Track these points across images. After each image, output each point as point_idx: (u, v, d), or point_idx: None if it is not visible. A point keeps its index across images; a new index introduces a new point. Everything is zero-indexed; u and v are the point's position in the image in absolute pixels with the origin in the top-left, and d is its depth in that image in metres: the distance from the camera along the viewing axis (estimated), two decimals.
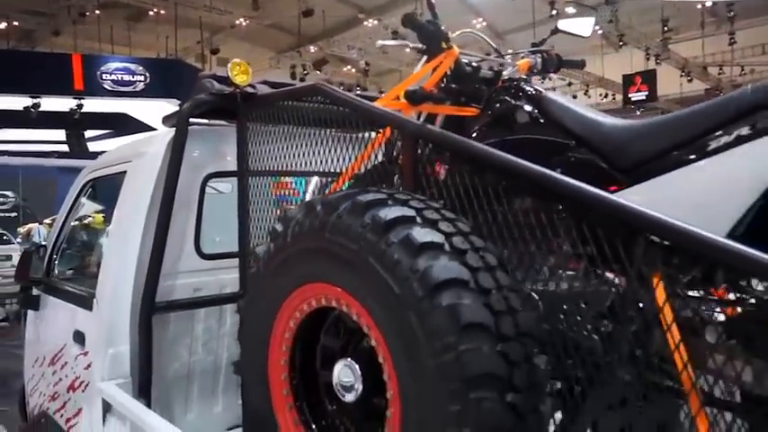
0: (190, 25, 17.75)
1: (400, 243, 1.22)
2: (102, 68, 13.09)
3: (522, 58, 2.10)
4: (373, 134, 1.77)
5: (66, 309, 2.48)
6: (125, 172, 2.29)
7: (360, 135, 1.82)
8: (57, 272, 2.76)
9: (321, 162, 1.89)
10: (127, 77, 13.42)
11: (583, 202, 1.24)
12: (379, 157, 1.78)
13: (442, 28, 1.84)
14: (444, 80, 1.91)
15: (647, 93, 20.56)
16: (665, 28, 18.73)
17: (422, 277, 1.18)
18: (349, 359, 1.43)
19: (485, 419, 1.12)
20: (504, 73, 1.99)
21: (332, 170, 1.87)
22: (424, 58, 1.92)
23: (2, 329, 8.73)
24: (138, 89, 13.49)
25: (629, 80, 20.78)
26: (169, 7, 16.59)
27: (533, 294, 1.38)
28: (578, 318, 1.36)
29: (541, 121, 1.71)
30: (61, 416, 2.46)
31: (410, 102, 1.82)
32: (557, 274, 1.38)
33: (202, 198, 2.30)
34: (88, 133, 16.44)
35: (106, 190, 2.57)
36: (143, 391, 2.04)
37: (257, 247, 1.71)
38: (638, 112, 26.53)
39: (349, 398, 1.42)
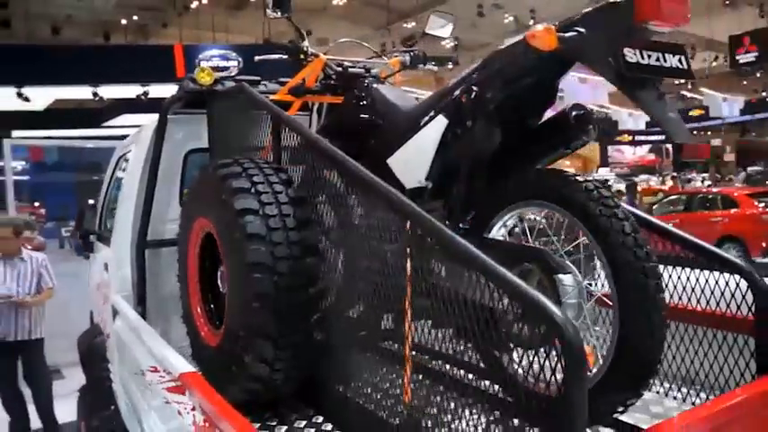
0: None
1: (226, 188, 2.00)
2: (200, 56, 14.60)
3: (395, 56, 2.76)
4: None
5: (103, 249, 3.50)
6: (131, 150, 3.23)
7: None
8: (106, 224, 3.80)
9: (265, 138, 2.68)
10: (222, 63, 14.85)
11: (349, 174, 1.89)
12: None
13: (304, 44, 2.55)
14: (324, 78, 2.62)
15: (756, 54, 19.11)
16: None
17: (231, 208, 1.95)
18: (221, 267, 2.24)
19: (258, 290, 1.86)
20: (375, 70, 2.66)
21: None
22: None
23: None
24: (233, 74, 14.87)
25: (736, 41, 19.30)
26: None
27: (327, 222, 2.07)
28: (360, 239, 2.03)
29: (372, 105, 2.39)
30: (102, 322, 3.49)
31: (293, 95, 2.57)
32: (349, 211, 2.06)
33: (185, 167, 3.18)
34: None
35: None
36: (140, 301, 2.97)
37: (185, 197, 2.54)
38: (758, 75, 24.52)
39: (223, 288, 2.24)
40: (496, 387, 1.71)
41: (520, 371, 1.65)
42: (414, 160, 2.01)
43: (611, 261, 1.63)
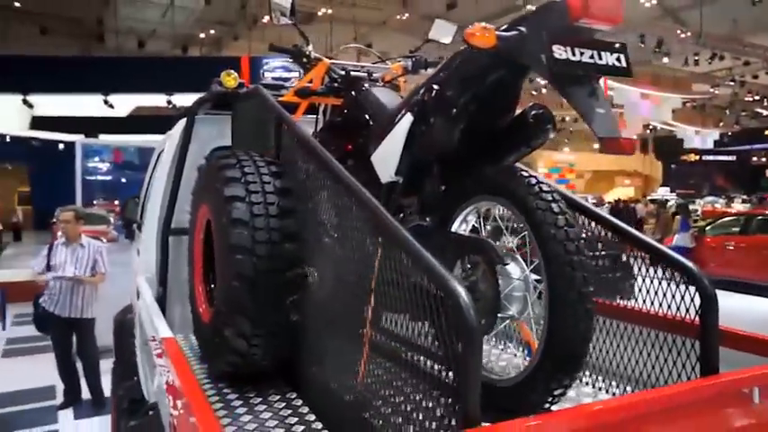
0: (348, 22, 19.52)
1: (219, 178, 2.24)
2: (264, 67, 15.25)
3: (398, 62, 2.93)
4: None
5: (138, 236, 3.85)
6: (164, 148, 3.56)
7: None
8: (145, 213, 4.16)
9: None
10: (285, 74, 15.43)
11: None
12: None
13: (309, 48, 2.76)
14: (330, 81, 2.83)
15: None
16: None
17: (222, 195, 2.18)
18: None
19: (239, 269, 2.06)
20: (377, 74, 2.84)
21: None
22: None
23: None
24: (294, 84, 15.46)
25: None
26: (335, 7, 18.59)
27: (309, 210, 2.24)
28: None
29: (364, 106, 2.58)
30: (133, 302, 3.83)
31: (299, 97, 2.79)
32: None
33: None
34: None
35: None
36: (162, 282, 3.26)
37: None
38: None
39: None
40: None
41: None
42: (387, 156, 2.17)
43: (543, 253, 1.70)
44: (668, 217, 15.87)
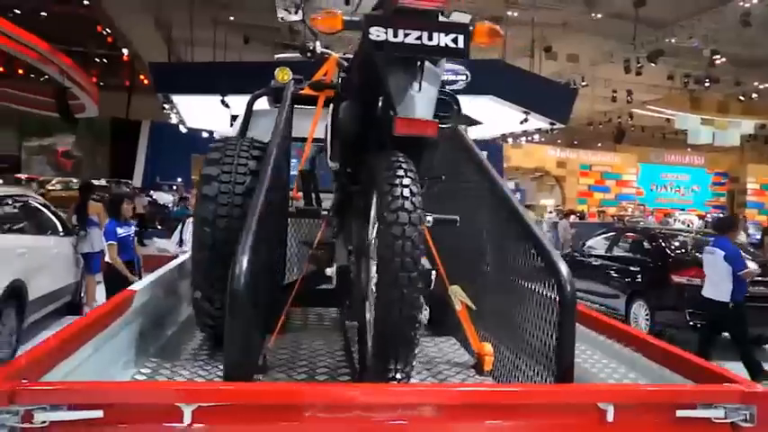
0: (524, 25, 19.00)
1: (205, 162, 2.53)
2: None
3: None
4: None
5: None
6: None
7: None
8: None
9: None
10: (452, 77, 15.61)
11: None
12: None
13: (316, 44, 2.91)
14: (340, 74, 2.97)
15: None
16: None
17: (203, 175, 2.47)
18: None
19: (201, 239, 2.37)
20: None
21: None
22: None
23: None
24: (459, 87, 15.57)
25: None
26: (519, 11, 18.33)
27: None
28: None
29: None
30: None
31: (313, 89, 2.99)
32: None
33: None
34: None
35: None
36: None
37: None
38: None
39: None
40: None
41: None
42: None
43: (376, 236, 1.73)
44: None
